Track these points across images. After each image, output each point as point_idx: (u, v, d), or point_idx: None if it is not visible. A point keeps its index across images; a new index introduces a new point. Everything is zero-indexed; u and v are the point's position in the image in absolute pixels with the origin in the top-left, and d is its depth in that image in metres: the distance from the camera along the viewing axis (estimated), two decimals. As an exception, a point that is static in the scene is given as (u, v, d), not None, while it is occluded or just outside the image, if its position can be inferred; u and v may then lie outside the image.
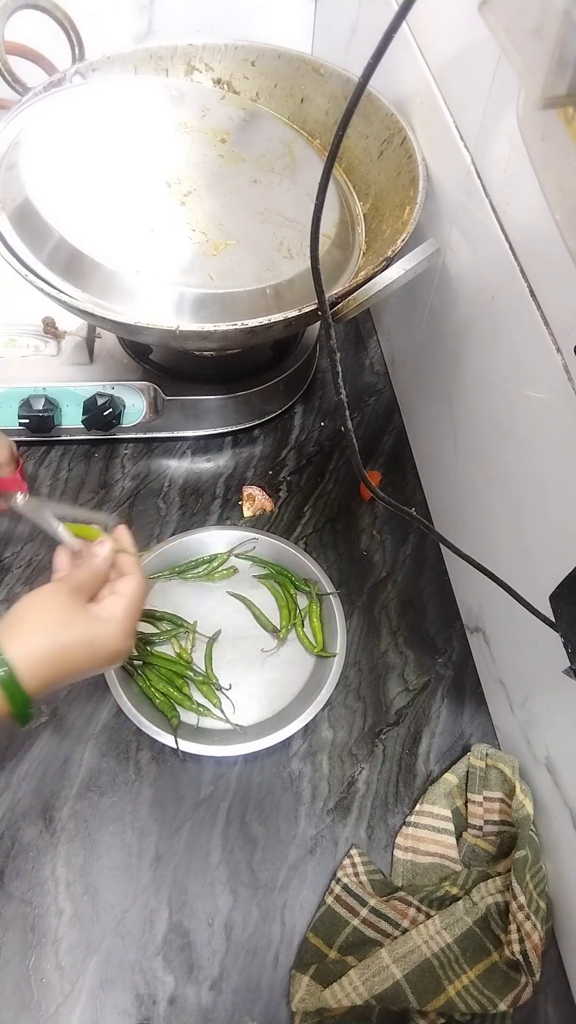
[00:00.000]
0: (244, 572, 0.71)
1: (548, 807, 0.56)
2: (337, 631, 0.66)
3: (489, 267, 0.54)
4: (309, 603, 0.69)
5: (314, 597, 0.69)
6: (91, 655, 0.48)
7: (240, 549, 0.72)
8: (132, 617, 0.51)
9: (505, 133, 0.48)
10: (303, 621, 0.68)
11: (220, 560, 0.71)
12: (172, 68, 0.76)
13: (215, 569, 0.70)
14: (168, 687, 0.63)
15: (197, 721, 0.63)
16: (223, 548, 0.72)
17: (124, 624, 0.50)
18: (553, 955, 0.54)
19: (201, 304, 0.60)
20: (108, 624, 0.49)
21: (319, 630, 0.67)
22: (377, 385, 0.89)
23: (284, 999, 0.52)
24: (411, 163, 0.65)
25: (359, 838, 0.59)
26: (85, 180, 0.63)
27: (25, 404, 0.73)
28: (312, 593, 0.69)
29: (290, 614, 0.68)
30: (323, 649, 0.66)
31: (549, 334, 0.46)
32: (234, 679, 0.65)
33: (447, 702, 0.66)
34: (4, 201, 0.61)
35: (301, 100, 0.77)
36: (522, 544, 0.54)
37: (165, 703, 0.62)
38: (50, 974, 0.53)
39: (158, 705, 0.62)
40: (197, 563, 0.71)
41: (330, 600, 0.68)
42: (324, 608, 0.69)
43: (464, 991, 0.50)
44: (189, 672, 0.64)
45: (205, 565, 0.71)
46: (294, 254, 0.64)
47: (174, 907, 0.56)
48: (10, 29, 0.66)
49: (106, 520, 0.56)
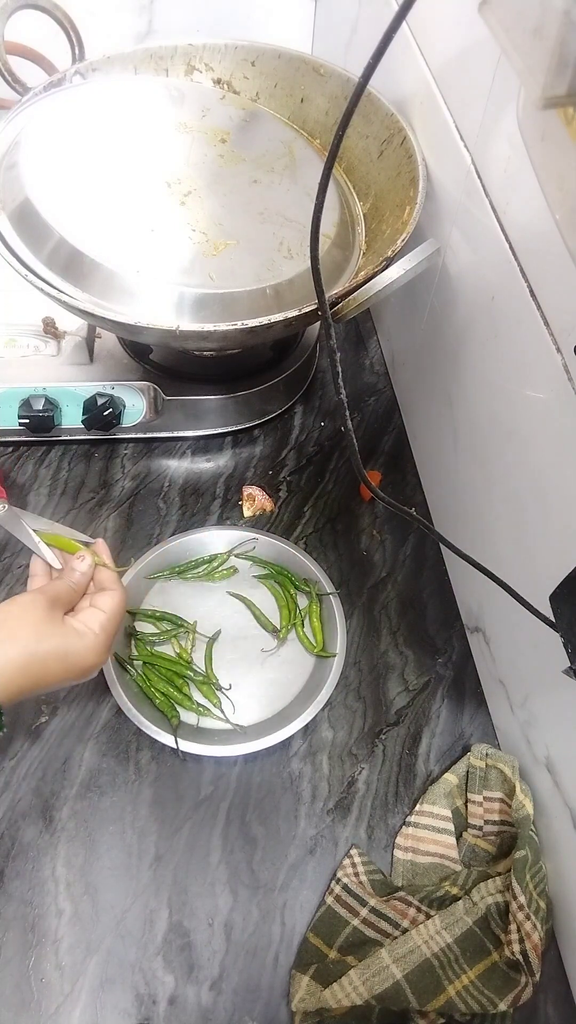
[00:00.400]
0: (244, 572, 0.71)
1: (548, 807, 0.56)
2: (337, 631, 0.66)
3: (489, 267, 0.54)
4: (309, 603, 0.69)
5: (314, 597, 0.69)
6: (65, 668, 0.48)
7: (240, 549, 0.72)
8: (109, 632, 0.51)
9: (505, 133, 0.48)
10: (303, 621, 0.68)
11: (220, 560, 0.71)
12: (172, 68, 0.76)
13: (215, 569, 0.70)
14: (168, 687, 0.63)
15: (197, 721, 0.63)
16: (223, 548, 0.72)
17: (100, 638, 0.50)
18: (553, 955, 0.54)
19: (201, 304, 0.60)
20: (84, 637, 0.49)
21: (319, 630, 0.67)
22: (377, 385, 0.89)
23: (284, 999, 0.52)
24: (411, 163, 0.65)
25: (359, 838, 0.59)
26: (85, 180, 0.63)
27: (25, 404, 0.73)
28: (312, 593, 0.69)
29: (290, 614, 0.68)
30: (323, 649, 0.66)
31: (549, 334, 0.46)
32: (234, 679, 0.65)
33: (447, 702, 0.66)
34: (4, 201, 0.61)
35: (301, 100, 0.77)
36: (522, 544, 0.54)
37: (165, 703, 0.62)
38: (50, 974, 0.53)
39: (158, 705, 0.62)
40: (197, 563, 0.71)
41: (330, 600, 0.68)
42: (324, 608, 0.69)
43: (464, 991, 0.50)
44: (189, 672, 0.64)
45: (205, 565, 0.71)
46: (294, 254, 0.64)
47: (174, 907, 0.56)
48: (10, 29, 0.66)
49: (86, 539, 0.56)
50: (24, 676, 0.46)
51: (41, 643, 0.47)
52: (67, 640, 0.48)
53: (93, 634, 0.50)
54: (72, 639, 0.49)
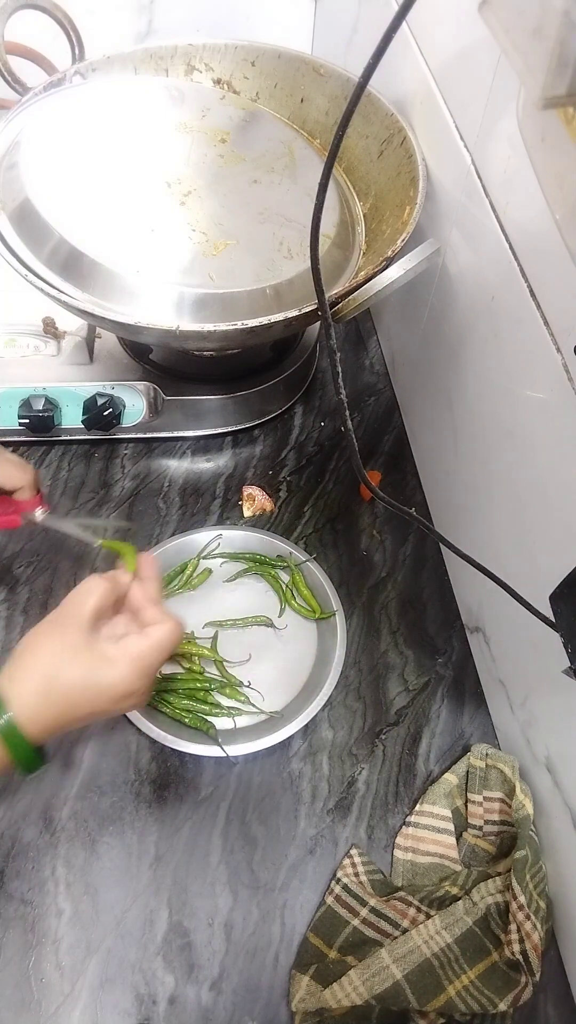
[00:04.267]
0: (219, 572, 0.72)
1: (548, 807, 0.56)
2: (327, 592, 0.68)
3: (489, 267, 0.54)
4: (291, 576, 0.71)
5: (294, 569, 0.71)
6: (94, 696, 0.44)
7: (207, 551, 0.72)
8: (148, 662, 0.46)
9: (505, 133, 0.48)
10: (293, 594, 0.70)
11: (192, 566, 0.70)
12: (172, 68, 0.76)
13: (190, 578, 0.70)
14: (191, 703, 0.63)
15: (234, 724, 0.63)
16: (239, 549, 0.72)
17: (136, 664, 0.45)
18: (553, 955, 0.54)
19: (201, 304, 0.60)
20: (115, 664, 0.45)
21: (310, 597, 0.70)
22: (377, 385, 0.89)
23: (284, 999, 0.52)
24: (411, 163, 0.65)
25: (359, 838, 0.59)
26: (85, 180, 0.63)
27: (25, 404, 0.73)
28: (290, 566, 0.71)
29: (280, 593, 0.70)
30: (321, 612, 0.68)
31: (549, 334, 0.46)
32: (249, 671, 0.65)
33: (447, 702, 0.66)
34: (4, 201, 0.61)
35: (301, 100, 0.77)
36: (522, 544, 0.54)
37: (196, 719, 0.62)
38: (50, 974, 0.53)
39: (189, 724, 0.62)
40: (172, 577, 0.70)
41: (310, 567, 0.70)
42: (307, 576, 0.70)
43: (464, 991, 0.50)
44: (206, 683, 0.64)
45: (179, 576, 0.70)
46: (294, 254, 0.64)
47: (174, 907, 0.56)
48: (10, 29, 0.66)
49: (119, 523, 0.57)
50: (48, 705, 0.43)
51: (66, 668, 0.44)
52: (96, 664, 0.45)
53: (128, 658, 0.45)
54: (102, 663, 0.45)
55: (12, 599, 0.69)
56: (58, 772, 0.60)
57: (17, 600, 0.69)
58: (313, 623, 0.69)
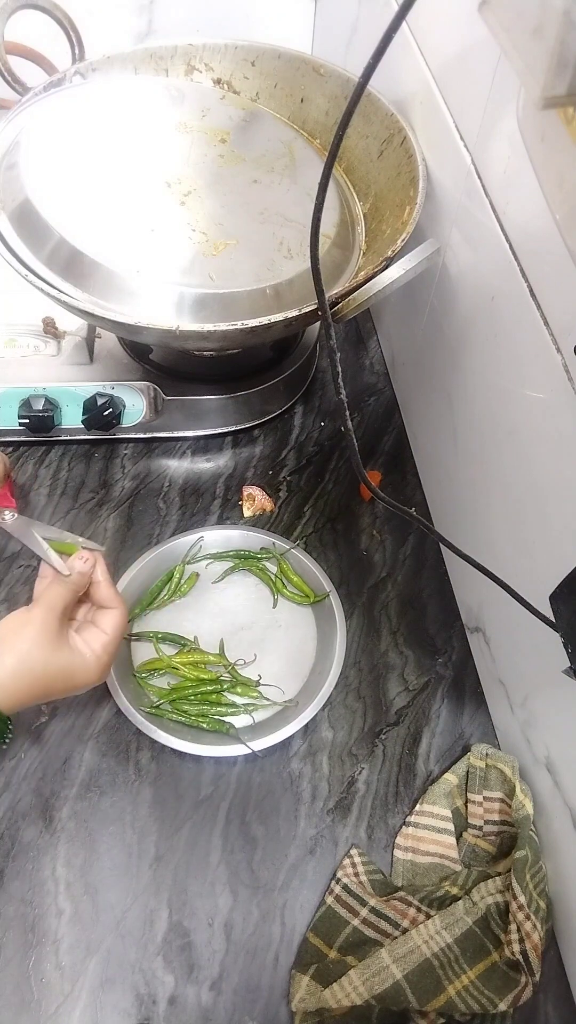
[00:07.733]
0: (206, 574, 0.72)
1: (548, 807, 0.56)
2: (317, 576, 0.69)
3: (489, 267, 0.54)
4: (279, 565, 0.71)
5: (279, 558, 0.71)
6: (66, 686, 0.51)
7: (190, 555, 0.71)
8: (111, 652, 0.53)
9: (505, 133, 0.48)
10: (283, 583, 0.70)
11: (179, 572, 0.70)
12: (172, 68, 0.76)
13: (179, 584, 0.70)
14: (202, 707, 0.63)
15: (254, 720, 0.63)
16: (222, 548, 0.72)
17: (102, 659, 0.52)
18: (553, 955, 0.54)
19: (201, 304, 0.60)
20: (87, 658, 0.52)
21: (302, 583, 0.70)
22: (377, 385, 0.89)
23: (284, 999, 0.52)
24: (411, 163, 0.65)
25: (359, 838, 0.59)
26: (85, 180, 0.63)
27: (25, 404, 0.73)
28: (275, 556, 0.71)
29: (270, 585, 0.70)
30: (315, 596, 0.69)
31: (549, 334, 0.46)
32: (256, 666, 0.66)
33: (447, 702, 0.66)
34: (4, 201, 0.61)
35: (301, 100, 0.77)
36: (522, 544, 0.54)
37: (213, 723, 0.62)
38: (50, 974, 0.53)
39: (208, 728, 0.62)
40: (159, 588, 0.70)
41: (295, 554, 0.71)
42: (294, 563, 0.71)
43: (464, 991, 0.50)
44: (217, 685, 0.64)
45: (168, 584, 0.70)
46: (294, 254, 0.64)
47: (174, 907, 0.56)
48: (10, 29, 0.66)
49: (95, 546, 0.56)
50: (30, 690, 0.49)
51: (43, 658, 0.49)
52: (72, 657, 0.51)
53: (95, 656, 0.52)
54: (76, 657, 0.51)
55: (12, 599, 0.69)
56: (58, 772, 0.60)
57: (17, 600, 0.69)
58: (309, 608, 0.70)
